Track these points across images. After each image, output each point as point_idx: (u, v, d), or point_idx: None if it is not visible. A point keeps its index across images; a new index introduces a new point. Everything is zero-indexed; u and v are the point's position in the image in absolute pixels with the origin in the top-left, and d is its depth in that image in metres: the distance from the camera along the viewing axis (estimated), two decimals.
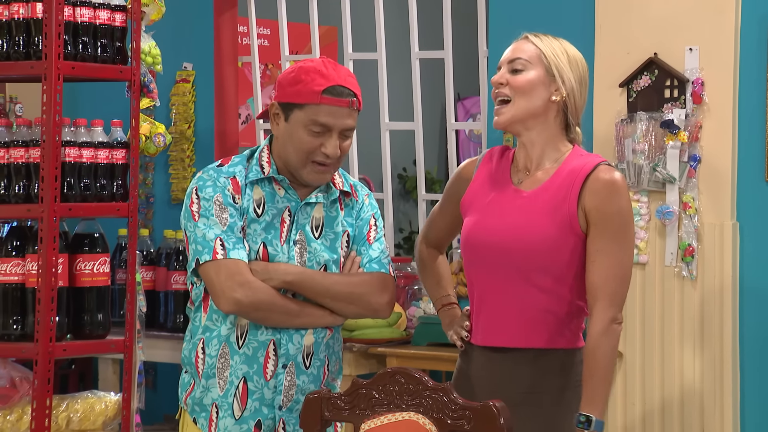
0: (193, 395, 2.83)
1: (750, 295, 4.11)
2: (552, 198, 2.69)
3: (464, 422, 2.36)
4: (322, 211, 2.84)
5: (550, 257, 2.67)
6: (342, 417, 2.49)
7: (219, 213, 2.76)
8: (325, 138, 2.76)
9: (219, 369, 2.79)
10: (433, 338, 4.52)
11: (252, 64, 5.56)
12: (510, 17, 4.64)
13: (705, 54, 4.13)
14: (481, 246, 2.73)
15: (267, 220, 2.79)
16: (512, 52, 2.75)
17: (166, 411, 5.33)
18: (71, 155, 3.48)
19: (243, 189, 2.79)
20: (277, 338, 2.78)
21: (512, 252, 2.68)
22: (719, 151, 4.10)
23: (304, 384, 2.81)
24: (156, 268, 4.87)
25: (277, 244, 2.79)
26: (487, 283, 2.74)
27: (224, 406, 2.79)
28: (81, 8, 3.50)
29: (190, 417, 2.84)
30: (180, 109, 5.41)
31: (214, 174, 2.81)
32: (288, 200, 2.82)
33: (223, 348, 2.79)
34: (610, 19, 4.27)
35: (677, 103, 4.16)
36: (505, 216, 2.71)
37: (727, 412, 4.07)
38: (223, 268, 2.73)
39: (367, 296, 2.81)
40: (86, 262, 3.51)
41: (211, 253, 2.74)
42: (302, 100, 2.75)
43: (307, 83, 2.76)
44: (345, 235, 2.85)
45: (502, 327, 2.72)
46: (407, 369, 2.45)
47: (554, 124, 2.73)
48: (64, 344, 3.47)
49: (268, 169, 2.81)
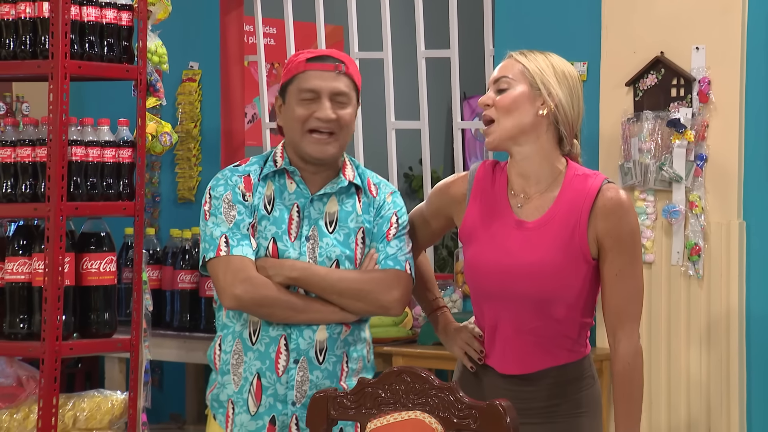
0: (213, 392, 2.85)
1: (756, 294, 4.10)
2: (560, 229, 2.65)
3: (470, 421, 2.36)
4: (336, 206, 2.83)
5: (564, 290, 2.65)
6: (348, 416, 2.49)
7: (227, 211, 2.78)
8: (316, 105, 2.77)
9: (233, 365, 2.80)
10: None
11: (258, 63, 5.56)
12: (516, 16, 4.63)
13: (711, 53, 4.12)
14: (490, 282, 2.69)
15: (276, 215, 2.80)
16: (498, 72, 2.74)
17: (173, 410, 5.34)
18: (78, 154, 3.48)
19: (255, 186, 2.80)
20: (288, 333, 2.78)
21: (524, 289, 2.66)
22: (726, 150, 4.10)
23: (317, 380, 2.79)
24: (162, 267, 4.87)
25: (287, 240, 2.79)
26: (499, 314, 2.70)
27: (239, 402, 2.80)
28: (87, 7, 3.50)
29: (212, 413, 2.86)
30: (186, 108, 5.41)
31: (228, 173, 2.83)
32: (298, 195, 2.82)
33: (237, 344, 2.80)
34: (616, 18, 4.27)
35: (684, 102, 4.16)
36: (512, 252, 2.67)
37: (733, 411, 4.06)
38: (226, 265, 2.75)
39: (375, 293, 2.78)
40: (93, 261, 3.51)
41: (215, 250, 2.76)
42: (290, 75, 2.80)
43: (293, 61, 2.82)
44: (360, 232, 2.83)
45: (518, 357, 2.70)
46: (413, 368, 2.45)
47: (546, 138, 2.68)
48: (71, 343, 3.47)
49: (280, 161, 2.82)
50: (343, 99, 2.79)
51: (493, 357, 2.74)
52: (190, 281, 4.80)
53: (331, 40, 6.26)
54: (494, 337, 2.73)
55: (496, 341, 2.73)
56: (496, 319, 2.71)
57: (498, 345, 2.72)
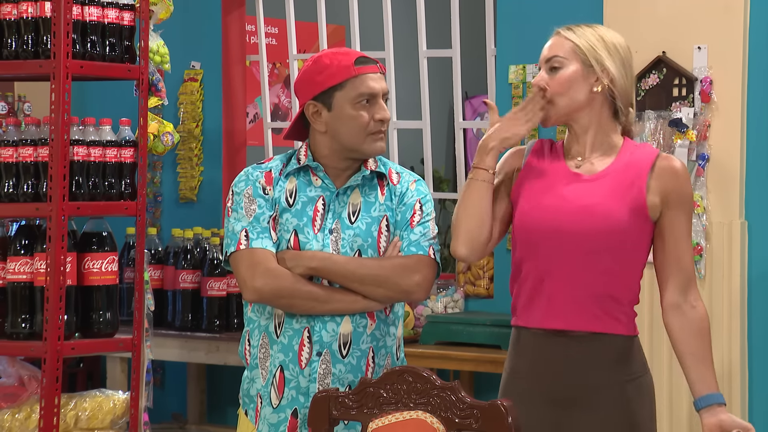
0: (243, 388, 2.86)
1: (758, 293, 4.10)
2: (618, 182, 2.68)
3: (472, 421, 2.36)
4: (359, 197, 2.83)
5: (618, 238, 2.65)
6: (350, 416, 2.49)
7: (247, 205, 2.80)
8: (373, 107, 2.79)
9: (261, 359, 2.81)
10: (442, 337, 4.52)
11: (260, 63, 5.57)
12: (518, 16, 4.64)
13: (713, 52, 4.12)
14: (541, 228, 2.68)
15: (298, 208, 2.81)
16: (549, 50, 2.74)
17: (174, 410, 5.34)
18: (79, 154, 3.49)
19: (276, 180, 2.82)
20: (312, 325, 2.79)
21: (576, 229, 2.66)
22: (728, 150, 4.09)
23: (340, 373, 2.79)
24: (164, 267, 4.87)
25: (309, 231, 2.80)
26: (549, 262, 2.68)
27: (265, 395, 2.81)
28: (89, 7, 3.50)
29: (243, 410, 2.87)
30: (188, 107, 5.42)
31: (250, 170, 2.85)
32: (323, 189, 2.83)
33: (263, 338, 2.81)
34: (618, 18, 4.27)
35: (685, 102, 4.16)
36: (566, 198, 2.69)
37: (735, 411, 4.06)
38: (246, 258, 2.76)
39: (395, 278, 2.76)
40: (94, 261, 3.51)
41: (236, 245, 2.78)
42: (339, 79, 2.77)
43: (335, 64, 2.79)
44: (384, 220, 2.83)
45: (564, 310, 2.67)
46: (415, 368, 2.44)
47: (602, 112, 2.73)
48: (73, 343, 3.48)
49: (304, 159, 2.84)
50: (386, 97, 2.84)
51: (538, 310, 2.69)
52: (192, 281, 4.81)
53: (333, 40, 6.26)
54: (541, 290, 2.69)
55: (543, 293, 2.69)
56: (545, 269, 2.68)
57: (545, 296, 2.68)
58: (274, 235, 2.79)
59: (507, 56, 4.70)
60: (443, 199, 6.92)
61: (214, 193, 5.30)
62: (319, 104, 2.80)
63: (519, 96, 4.69)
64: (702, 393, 2.67)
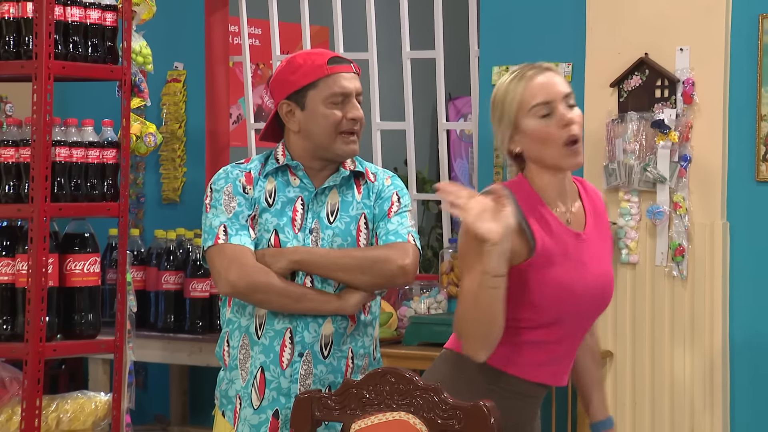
0: (221, 389, 2.86)
1: (740, 294, 4.12)
2: (602, 236, 2.61)
3: (455, 422, 2.36)
4: (337, 197, 2.85)
5: None
6: (332, 417, 2.49)
7: (227, 202, 2.80)
8: (345, 106, 2.80)
9: (241, 360, 2.81)
10: (425, 338, 4.52)
11: (243, 64, 5.56)
12: (501, 18, 4.64)
13: (695, 54, 4.14)
14: (579, 298, 2.55)
15: (278, 208, 2.82)
16: (562, 86, 2.54)
17: (157, 411, 5.33)
18: (62, 155, 3.48)
19: (256, 180, 2.83)
20: (294, 326, 2.79)
21: (604, 300, 2.61)
22: (710, 151, 4.11)
23: (321, 374, 2.80)
24: (146, 268, 4.86)
25: (290, 231, 2.81)
26: (570, 329, 2.58)
27: (245, 396, 2.81)
28: (72, 8, 3.49)
29: (220, 411, 2.86)
30: (171, 108, 5.40)
31: (230, 168, 2.86)
32: (302, 189, 2.84)
33: (244, 339, 2.81)
34: (600, 20, 4.28)
35: (668, 103, 4.17)
36: (587, 265, 2.56)
37: (716, 411, 4.08)
38: (223, 252, 2.76)
39: (380, 263, 2.76)
40: (76, 262, 3.50)
41: (213, 239, 2.78)
42: (312, 79, 2.79)
43: (308, 64, 2.81)
44: (362, 218, 2.85)
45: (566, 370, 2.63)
46: (398, 369, 2.45)
47: None
48: (54, 344, 3.46)
49: (282, 159, 2.85)
50: (360, 98, 2.85)
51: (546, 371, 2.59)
52: (175, 282, 4.79)
53: (317, 41, 6.26)
54: (556, 355, 2.58)
55: (558, 359, 2.59)
56: (565, 335, 2.58)
57: (563, 360, 2.60)
58: (252, 233, 2.79)
59: (490, 57, 4.71)
60: (427, 200, 6.93)
61: (197, 194, 5.28)
62: (292, 104, 2.82)
63: None
64: (601, 417, 2.74)
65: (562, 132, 2.53)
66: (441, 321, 4.54)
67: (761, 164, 4.10)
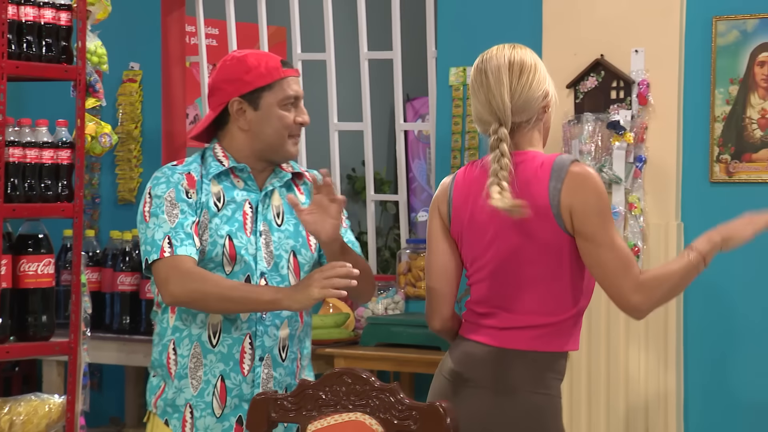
0: (165, 397, 2.83)
1: (694, 294, 4.15)
2: None
3: (411, 422, 2.36)
4: (280, 199, 2.86)
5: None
6: (288, 418, 2.48)
7: (169, 210, 2.78)
8: (296, 109, 2.85)
9: (191, 369, 2.80)
10: (382, 338, 4.53)
11: (200, 64, 5.53)
12: (458, 19, 4.65)
13: (650, 56, 4.17)
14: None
15: (228, 214, 2.81)
16: None
17: (112, 413, 5.29)
18: (15, 155, 3.44)
19: (199, 184, 2.81)
20: (253, 331, 2.80)
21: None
22: (664, 152, 4.14)
23: (281, 377, 2.82)
24: (102, 269, 4.83)
25: (242, 236, 2.81)
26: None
27: (200, 405, 2.80)
28: (25, 7, 3.46)
29: (161, 419, 2.83)
30: (127, 108, 5.37)
31: (169, 171, 2.84)
32: (248, 192, 2.84)
33: (195, 348, 2.79)
34: (557, 21, 4.30)
35: (623, 105, 4.20)
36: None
37: (670, 411, 4.11)
38: (168, 265, 2.75)
39: None
40: (30, 263, 3.47)
41: (158, 252, 2.76)
42: (269, 80, 2.82)
43: (263, 65, 2.83)
44: None
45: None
46: (354, 369, 2.45)
47: None
48: (7, 346, 3.43)
49: (226, 162, 2.84)
50: None
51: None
52: (131, 283, 4.76)
53: (274, 42, 6.24)
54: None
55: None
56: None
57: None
58: (197, 240, 2.77)
59: (448, 58, 4.71)
60: (384, 201, 6.93)
61: None
62: (245, 102, 2.82)
63: (459, 98, 4.71)
64: None
65: None
66: (398, 321, 4.54)
67: (715, 165, 4.14)
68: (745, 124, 4.09)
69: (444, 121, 4.74)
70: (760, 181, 4.07)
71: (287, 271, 2.83)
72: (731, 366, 4.12)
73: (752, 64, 4.07)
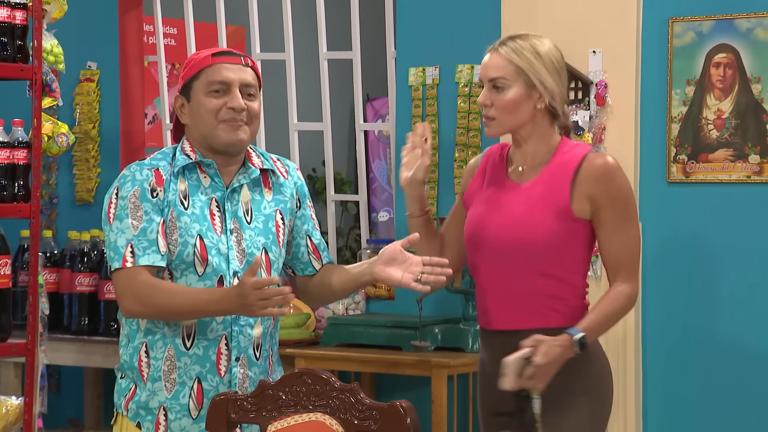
0: (137, 400, 2.80)
1: (651, 293, 4.18)
2: (545, 190, 2.83)
3: (371, 422, 2.37)
4: (248, 195, 2.84)
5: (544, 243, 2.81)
6: (248, 419, 2.48)
7: (133, 212, 2.76)
8: (227, 96, 2.80)
9: (165, 372, 2.78)
10: (343, 339, 4.52)
11: (158, 64, 5.50)
12: (417, 19, 4.66)
13: (608, 56, 4.20)
14: (485, 241, 2.86)
15: (195, 212, 2.79)
16: (493, 70, 2.86)
17: (71, 415, 5.26)
18: None
19: (167, 182, 2.79)
20: (229, 332, 2.79)
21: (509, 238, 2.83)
22: (622, 153, 4.17)
23: (255, 376, 2.81)
24: (60, 270, 4.79)
25: (213, 235, 2.79)
26: (492, 272, 2.86)
27: (175, 407, 2.78)
28: None
29: (132, 422, 2.81)
30: (84, 108, 5.33)
31: (136, 167, 2.82)
32: (214, 189, 2.82)
33: (169, 350, 2.78)
34: (515, 21, 4.32)
35: (582, 105, 4.23)
36: (503, 207, 2.86)
37: (629, 421, 4.13)
38: (129, 276, 2.74)
39: None
40: None
41: (121, 261, 2.75)
42: (195, 71, 2.82)
43: (197, 59, 2.85)
44: (277, 213, 2.86)
45: (508, 312, 2.84)
46: (314, 370, 2.45)
47: (543, 122, 2.88)
48: None
49: (194, 155, 2.83)
50: (251, 90, 2.83)
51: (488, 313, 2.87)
52: (89, 284, 4.73)
53: (233, 41, 6.22)
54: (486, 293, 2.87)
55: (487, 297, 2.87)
56: (489, 276, 2.86)
57: (490, 299, 2.86)
58: (162, 245, 2.76)
59: (407, 58, 4.72)
60: (345, 201, 6.93)
61: None
62: (182, 97, 2.85)
63: (419, 98, 4.71)
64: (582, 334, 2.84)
65: None
66: (359, 322, 4.54)
67: (672, 165, 4.17)
68: (701, 124, 4.13)
69: (404, 121, 4.75)
70: (716, 181, 4.11)
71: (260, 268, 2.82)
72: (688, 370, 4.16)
73: (708, 65, 4.11)
